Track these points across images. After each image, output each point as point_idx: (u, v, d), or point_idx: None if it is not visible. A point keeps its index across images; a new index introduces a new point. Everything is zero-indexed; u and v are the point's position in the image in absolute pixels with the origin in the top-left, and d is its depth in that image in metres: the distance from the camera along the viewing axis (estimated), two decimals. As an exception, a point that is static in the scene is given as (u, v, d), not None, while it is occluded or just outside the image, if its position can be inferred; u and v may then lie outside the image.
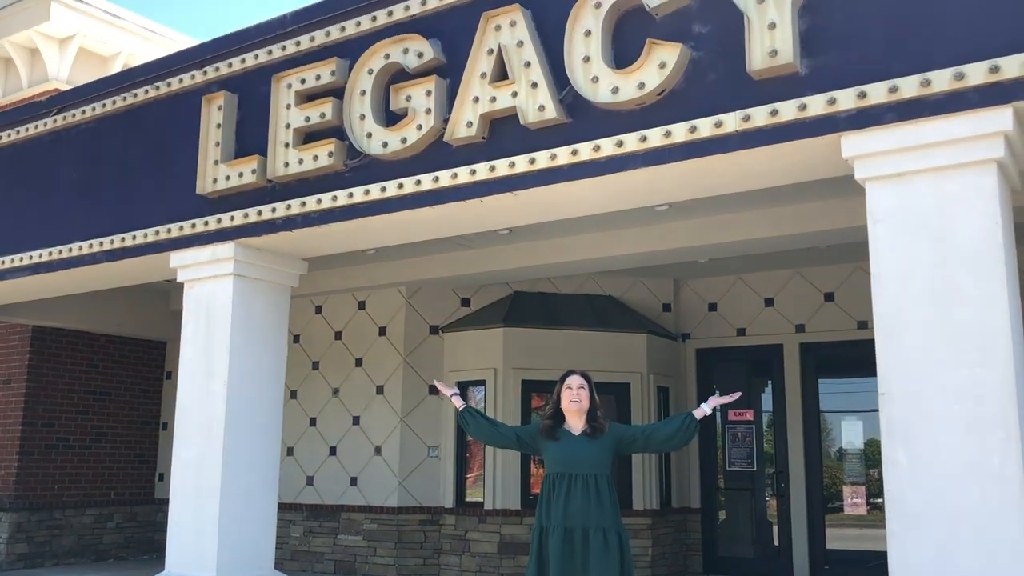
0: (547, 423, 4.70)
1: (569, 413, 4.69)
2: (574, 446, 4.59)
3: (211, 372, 6.70)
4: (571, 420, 4.70)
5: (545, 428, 4.70)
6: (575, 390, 4.68)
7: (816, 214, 7.03)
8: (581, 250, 8.25)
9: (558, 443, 4.63)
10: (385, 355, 9.97)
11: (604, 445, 4.62)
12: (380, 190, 5.87)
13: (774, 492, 9.57)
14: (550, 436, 4.67)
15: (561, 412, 4.71)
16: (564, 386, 4.74)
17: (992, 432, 3.96)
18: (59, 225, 7.70)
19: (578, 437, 4.63)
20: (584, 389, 4.69)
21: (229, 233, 6.64)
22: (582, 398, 4.66)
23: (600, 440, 4.62)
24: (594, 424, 4.66)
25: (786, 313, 9.70)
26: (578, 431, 4.67)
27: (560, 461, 4.56)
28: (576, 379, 4.75)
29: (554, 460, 4.60)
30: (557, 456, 4.59)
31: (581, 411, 4.67)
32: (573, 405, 4.66)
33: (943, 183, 4.25)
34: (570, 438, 4.64)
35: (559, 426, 4.70)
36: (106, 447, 11.16)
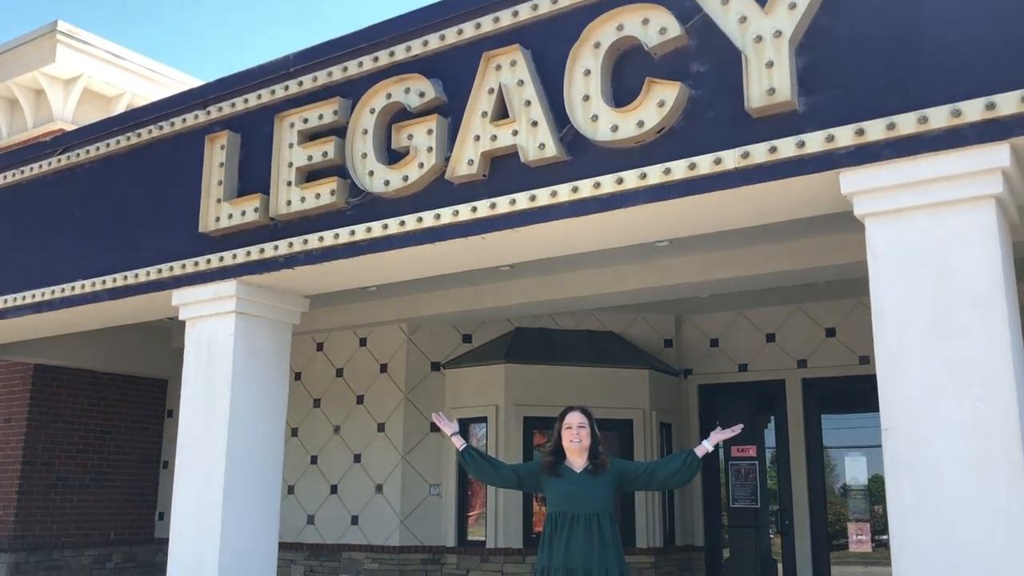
0: (548, 460, 4.67)
1: (570, 451, 4.66)
2: (576, 485, 4.55)
3: (212, 410, 6.68)
4: (572, 458, 4.67)
5: (546, 465, 4.67)
6: (575, 429, 4.65)
7: (816, 249, 7.05)
8: (582, 286, 8.27)
9: (560, 481, 4.59)
10: (386, 392, 9.95)
11: (606, 482, 4.57)
12: (382, 227, 5.90)
13: (778, 529, 9.48)
14: (552, 473, 4.63)
15: (562, 448, 4.68)
16: (564, 424, 4.71)
17: (997, 468, 3.94)
18: (62, 264, 7.73)
19: (580, 475, 4.59)
20: (584, 428, 4.66)
21: (231, 271, 6.66)
22: (582, 437, 4.63)
23: (602, 477, 4.57)
24: (596, 461, 4.62)
25: (788, 348, 9.69)
26: (579, 468, 4.62)
27: (562, 500, 4.52)
28: (576, 416, 4.72)
29: (556, 499, 4.56)
30: (559, 495, 4.55)
31: (582, 450, 4.63)
32: (574, 445, 4.63)
33: (942, 219, 4.27)
34: (572, 476, 4.59)
35: (560, 463, 4.66)
36: (106, 486, 11.08)
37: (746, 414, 10.16)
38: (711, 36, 4.80)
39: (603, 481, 4.56)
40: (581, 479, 4.57)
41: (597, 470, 4.59)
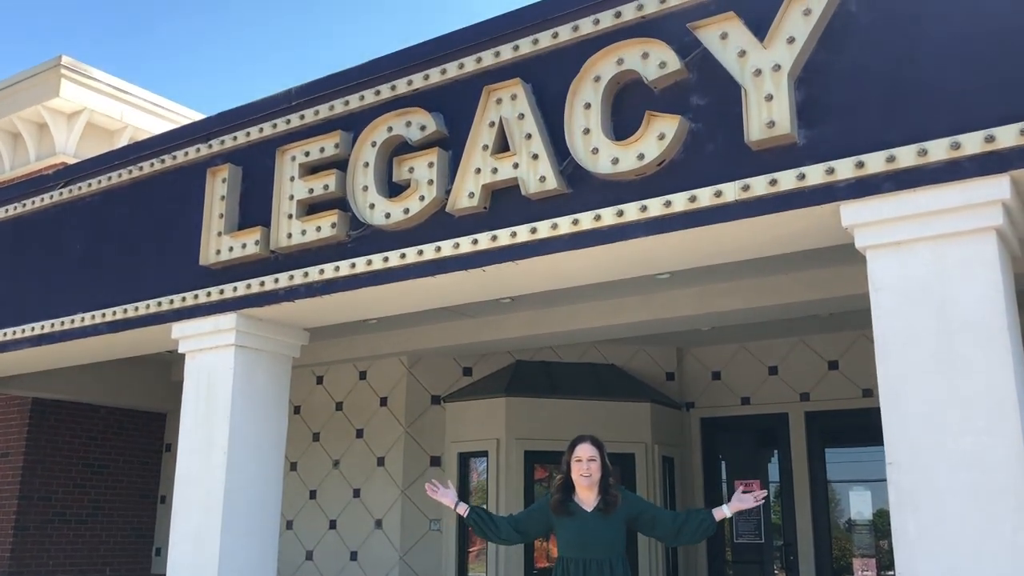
0: (557, 497, 4.53)
1: (579, 486, 4.52)
2: (587, 527, 4.41)
3: (211, 443, 6.64)
4: (582, 493, 4.53)
5: (556, 504, 4.52)
6: (585, 463, 4.49)
7: (818, 282, 7.04)
8: (583, 319, 8.25)
9: (571, 521, 4.45)
10: (386, 426, 9.89)
11: (618, 521, 4.44)
12: (383, 260, 5.90)
13: (783, 565, 9.37)
14: (562, 512, 4.49)
15: (572, 482, 4.55)
16: (573, 457, 4.55)
17: (1002, 500, 3.90)
18: (62, 297, 7.72)
19: (591, 515, 4.45)
20: (595, 461, 4.51)
21: (231, 304, 6.65)
22: (592, 471, 4.48)
23: (614, 516, 4.44)
24: (607, 497, 4.48)
25: (790, 381, 9.64)
26: (590, 505, 4.48)
27: (573, 545, 4.39)
28: (586, 449, 4.56)
29: (567, 543, 4.43)
30: (569, 539, 4.41)
31: (592, 484, 4.49)
32: (584, 480, 4.48)
33: (943, 251, 4.26)
34: (583, 517, 4.46)
35: (570, 499, 4.52)
36: (103, 521, 10.98)
37: (749, 448, 10.12)
38: (711, 70, 4.83)
39: (615, 522, 4.43)
40: (593, 521, 4.43)
41: (609, 508, 4.44)
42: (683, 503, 9.78)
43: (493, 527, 4.71)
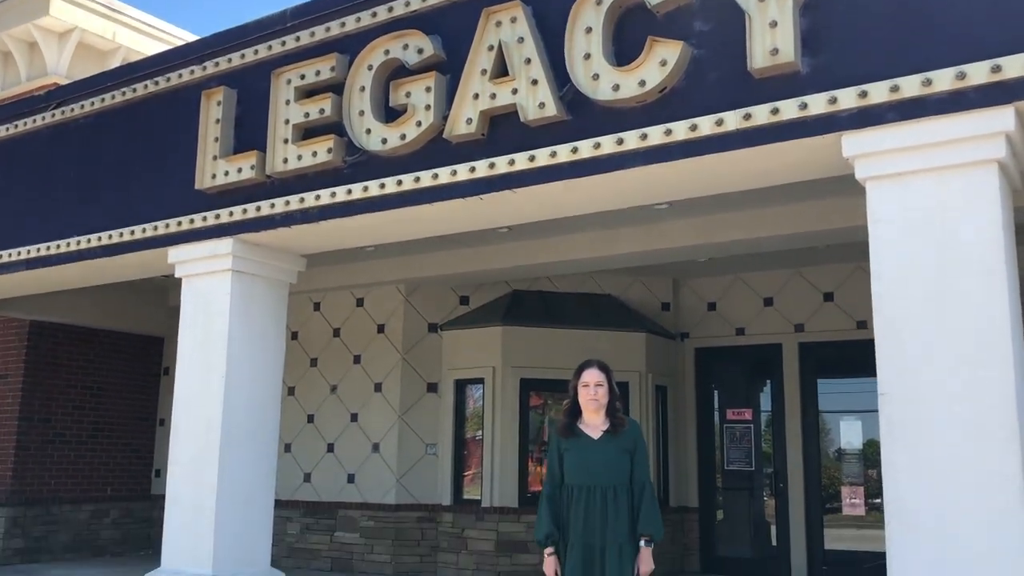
0: (564, 422, 4.52)
1: (587, 410, 4.49)
2: (593, 453, 4.41)
3: (209, 368, 6.69)
4: (589, 417, 4.49)
5: (563, 428, 4.51)
6: (592, 388, 4.44)
7: (816, 213, 7.02)
8: (580, 249, 8.24)
9: (577, 447, 4.43)
10: (383, 353, 9.96)
11: (623, 447, 4.42)
12: (379, 187, 5.85)
13: (772, 492, 9.56)
14: (569, 435, 4.48)
15: (579, 406, 4.52)
16: (580, 382, 4.50)
17: (992, 433, 3.95)
18: (57, 220, 7.68)
19: (597, 441, 4.43)
20: (602, 386, 4.46)
21: (227, 229, 6.62)
22: (600, 396, 4.44)
23: (620, 440, 4.42)
24: (614, 420, 4.46)
25: (785, 313, 9.69)
26: (598, 431, 4.46)
27: (579, 471, 4.38)
28: (593, 374, 4.50)
29: (572, 469, 4.41)
30: (575, 465, 4.40)
31: (599, 408, 4.46)
32: (591, 404, 4.45)
33: (944, 183, 4.23)
34: (588, 443, 4.44)
35: (576, 423, 4.51)
36: (103, 443, 11.13)
37: (742, 378, 10.22)
38: (715, -6, 4.73)
39: (621, 447, 4.41)
40: (599, 447, 4.42)
41: (616, 430, 4.43)
42: (675, 432, 9.92)
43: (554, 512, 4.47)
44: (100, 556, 10.88)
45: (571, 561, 4.23)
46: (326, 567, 9.80)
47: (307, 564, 9.89)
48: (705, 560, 9.82)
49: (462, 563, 9.24)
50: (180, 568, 6.52)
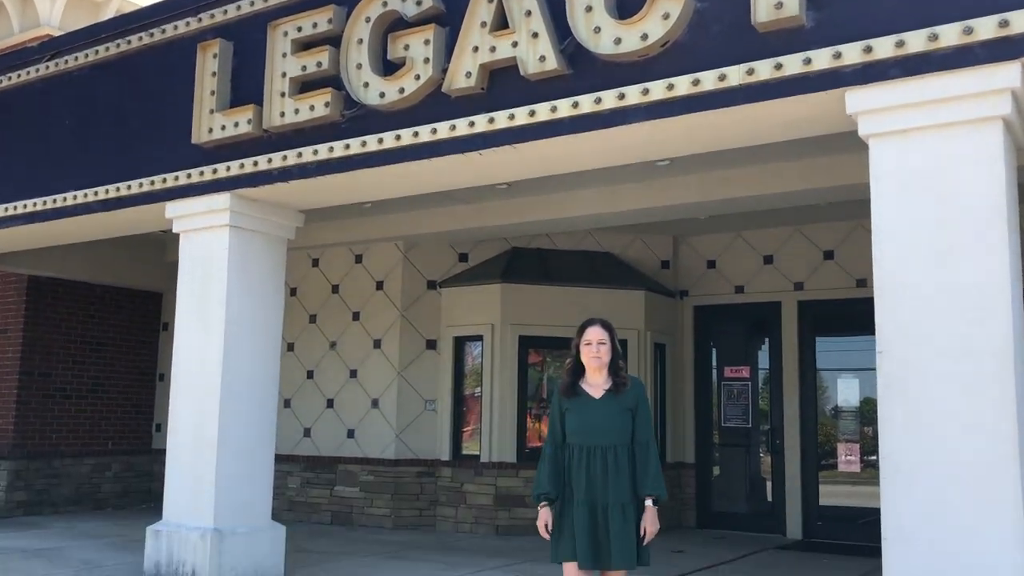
0: (566, 381, 4.43)
1: (590, 369, 4.38)
2: (595, 412, 4.33)
3: (207, 323, 6.69)
4: (592, 376, 4.39)
5: (565, 388, 4.41)
6: (595, 346, 4.33)
7: (818, 171, 6.97)
8: (580, 206, 8.20)
9: (579, 406, 4.35)
10: (382, 309, 9.96)
11: (625, 406, 4.34)
12: (377, 142, 5.81)
13: (769, 449, 9.63)
14: (571, 394, 4.38)
15: (581, 365, 4.42)
16: (583, 340, 4.38)
17: (988, 390, 3.97)
18: (53, 174, 7.63)
19: (600, 400, 4.34)
20: (605, 344, 4.34)
21: (225, 184, 6.59)
22: (602, 353, 4.32)
23: (623, 399, 4.33)
24: (617, 378, 4.36)
25: (785, 271, 9.67)
26: (600, 390, 4.36)
27: (582, 431, 4.30)
28: (596, 332, 4.37)
29: (575, 429, 4.32)
30: (577, 425, 4.32)
31: (601, 366, 4.35)
32: (594, 363, 4.33)
33: (948, 140, 4.20)
34: (591, 402, 4.35)
35: (578, 382, 4.41)
36: (103, 397, 11.18)
37: (741, 336, 10.24)
38: (719, -55, 4.64)
39: (623, 405, 4.31)
40: (602, 406, 4.33)
41: (619, 389, 4.33)
42: (673, 390, 9.97)
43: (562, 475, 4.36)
44: (102, 509, 10.99)
45: (579, 521, 4.19)
46: (326, 520, 9.91)
47: (307, 517, 10.00)
48: (701, 515, 9.92)
49: (461, 517, 9.34)
50: (181, 521, 6.60)
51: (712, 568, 7.37)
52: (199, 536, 6.38)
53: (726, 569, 7.38)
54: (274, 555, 6.75)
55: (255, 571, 6.57)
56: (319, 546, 8.19)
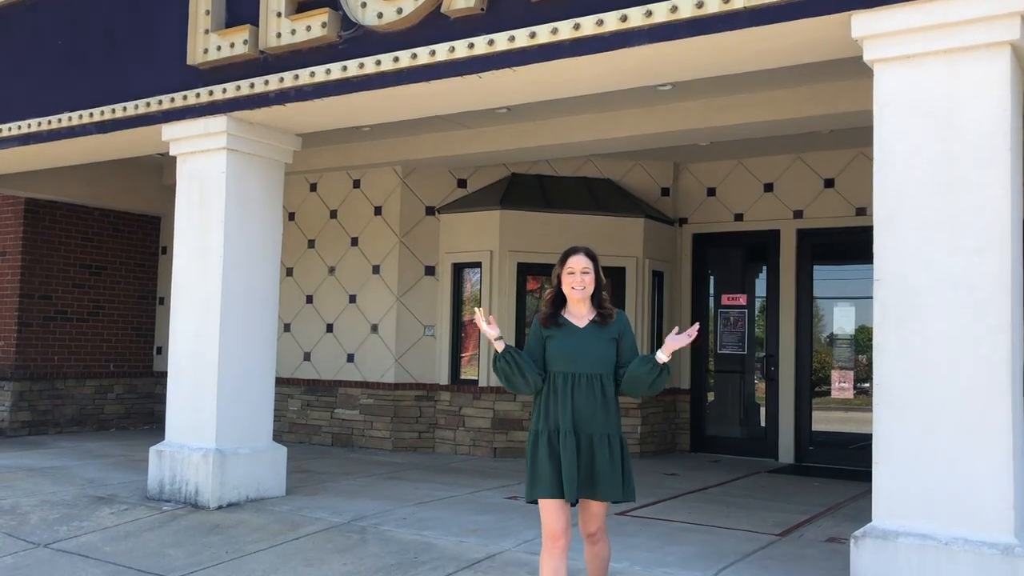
0: (546, 312, 4.10)
1: (571, 300, 4.07)
2: (578, 340, 4.02)
3: (206, 247, 6.69)
4: (574, 307, 4.08)
5: (545, 318, 4.09)
6: (578, 275, 4.02)
7: (822, 97, 6.90)
8: (580, 131, 8.13)
9: (561, 335, 4.03)
10: (381, 235, 9.95)
11: (610, 336, 4.04)
12: (375, 64, 5.72)
13: (763, 375, 9.74)
14: (552, 325, 4.06)
15: (563, 295, 4.10)
16: (565, 269, 4.07)
17: (984, 319, 4.00)
18: (46, 94, 7.53)
19: (583, 329, 4.03)
20: (588, 273, 4.04)
21: (221, 106, 6.51)
22: (586, 283, 4.02)
23: (605, 332, 4.03)
24: (602, 310, 4.07)
25: (785, 199, 9.64)
26: (583, 320, 4.05)
27: (562, 358, 3.99)
28: (579, 260, 4.07)
29: (555, 357, 4.00)
30: (558, 352, 4.00)
31: (585, 297, 4.05)
32: (576, 293, 4.02)
33: (954, 66, 4.14)
34: (573, 331, 4.04)
35: (559, 313, 4.09)
36: (104, 320, 11.26)
37: (739, 263, 10.27)
38: None
39: (607, 336, 4.03)
40: (584, 334, 4.02)
41: (604, 320, 4.04)
42: (670, 317, 10.03)
43: (523, 370, 4.02)
44: (105, 430, 11.16)
45: (565, 452, 3.84)
46: (327, 442, 10.07)
47: (308, 439, 10.17)
48: (695, 440, 10.10)
49: (459, 439, 9.50)
50: (184, 442, 6.71)
51: (704, 490, 7.53)
52: (201, 456, 6.50)
53: (718, 491, 7.54)
54: (275, 475, 6.89)
55: (257, 490, 6.72)
56: (320, 466, 8.35)
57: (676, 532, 5.84)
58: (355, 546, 5.45)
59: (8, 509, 6.43)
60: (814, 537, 5.78)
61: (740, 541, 5.61)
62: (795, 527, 6.07)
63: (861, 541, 4.16)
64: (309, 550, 5.40)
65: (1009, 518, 3.89)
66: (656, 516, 6.34)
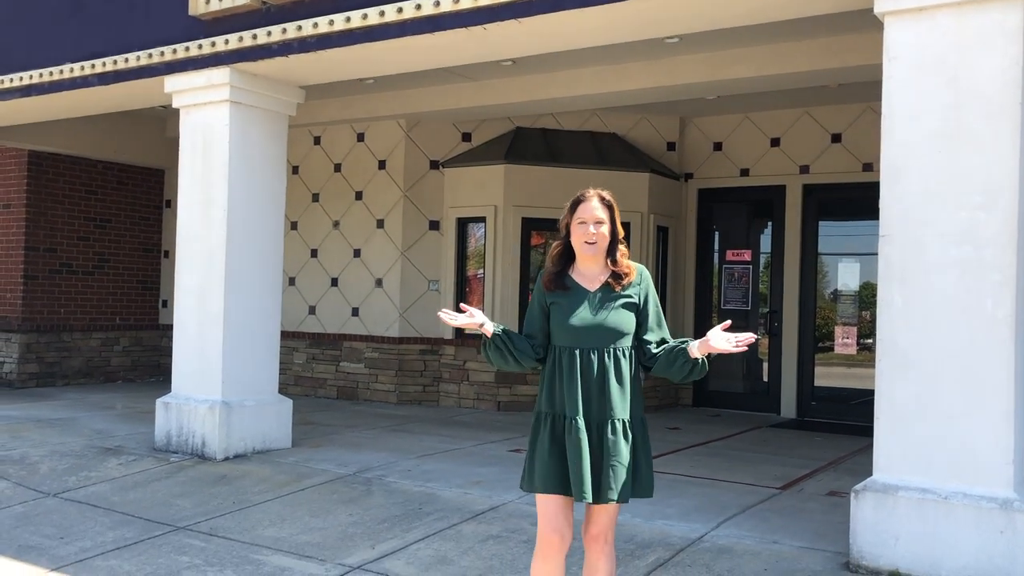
0: (552, 270, 3.39)
1: (582, 257, 3.35)
2: (589, 306, 3.30)
3: (210, 200, 6.69)
4: (584, 265, 3.36)
5: (549, 279, 3.37)
6: (590, 225, 3.30)
7: (830, 50, 6.80)
8: (586, 84, 8.05)
9: (567, 299, 3.32)
10: (385, 189, 9.92)
11: (628, 300, 3.32)
12: (378, 15, 5.65)
13: (767, 331, 9.76)
14: (557, 287, 3.35)
15: (571, 250, 3.37)
16: (576, 219, 3.34)
17: (988, 275, 3.99)
18: (49, 46, 7.47)
19: (596, 293, 3.31)
20: (603, 223, 3.31)
21: (224, 58, 6.45)
22: (600, 237, 3.29)
23: (625, 293, 3.32)
24: (616, 270, 3.33)
25: (791, 154, 9.57)
26: (595, 282, 3.33)
27: (574, 329, 3.28)
28: (592, 209, 3.34)
29: (565, 327, 3.30)
30: (564, 322, 3.30)
31: (598, 253, 3.32)
32: (588, 249, 3.30)
33: (965, 19, 4.08)
34: (582, 295, 3.32)
35: (567, 271, 3.38)
36: (109, 273, 11.29)
37: (744, 219, 10.23)
38: None
39: (623, 302, 3.31)
40: (595, 299, 3.30)
41: (620, 281, 3.31)
42: (674, 272, 10.02)
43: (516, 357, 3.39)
44: (112, 382, 11.26)
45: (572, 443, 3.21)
46: (332, 395, 10.15)
47: (313, 392, 10.25)
48: (698, 395, 10.16)
49: (463, 393, 9.57)
50: (190, 394, 6.77)
51: (707, 444, 7.60)
52: (207, 408, 6.56)
53: (720, 445, 7.60)
54: (281, 427, 6.96)
55: (263, 442, 6.79)
56: (325, 419, 8.43)
57: (677, 485, 5.91)
58: (360, 497, 5.53)
59: (17, 459, 6.51)
60: (815, 491, 5.84)
61: (741, 494, 5.67)
62: (796, 481, 6.13)
63: (861, 495, 4.21)
64: (315, 501, 5.47)
65: (1008, 472, 3.92)
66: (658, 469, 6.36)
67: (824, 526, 4.90)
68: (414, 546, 4.66)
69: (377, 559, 4.49)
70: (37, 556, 4.61)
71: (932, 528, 4.00)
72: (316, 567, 4.41)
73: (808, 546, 4.56)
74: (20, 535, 4.95)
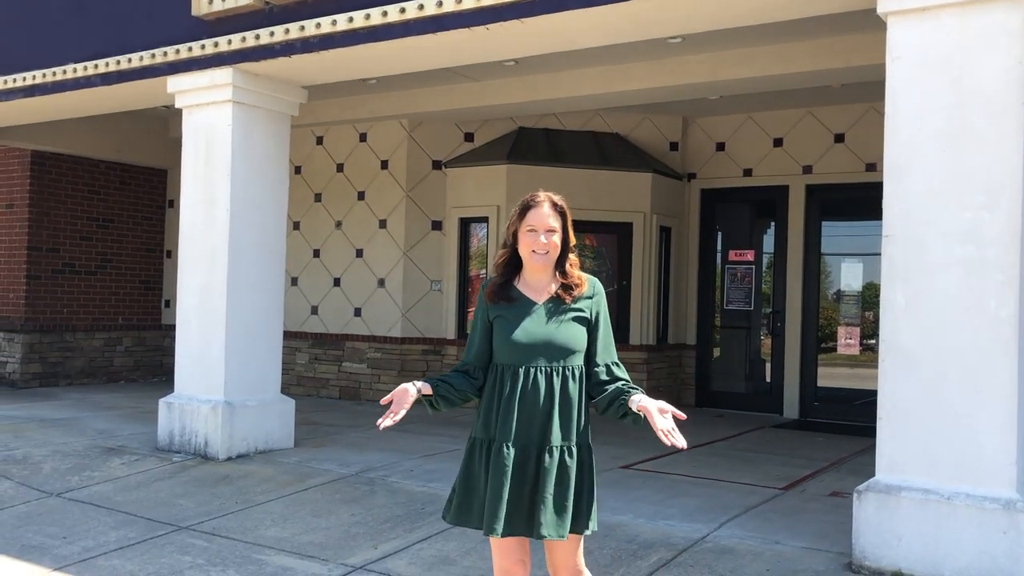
0: (497, 282, 3.09)
1: (530, 267, 3.05)
2: (536, 321, 2.99)
3: (213, 200, 6.69)
4: (532, 276, 3.06)
5: (494, 290, 3.07)
6: (541, 234, 3.01)
7: (833, 51, 6.80)
8: (590, 84, 8.04)
9: (511, 312, 3.02)
10: (387, 189, 9.92)
11: (579, 315, 3.02)
12: (381, 15, 5.66)
13: (769, 331, 9.75)
14: (501, 299, 3.05)
15: (518, 258, 3.07)
16: (525, 226, 3.05)
17: (991, 275, 3.98)
18: (50, 45, 7.48)
19: (544, 306, 3.01)
20: (555, 232, 3.03)
21: (227, 58, 6.46)
22: (550, 246, 3.00)
23: (575, 307, 3.02)
24: (566, 282, 3.03)
25: (794, 154, 9.57)
26: (543, 294, 3.04)
27: (518, 345, 2.98)
28: (543, 216, 3.05)
29: (508, 343, 3.00)
30: (507, 337, 3.00)
31: (548, 264, 3.03)
32: (538, 260, 3.00)
33: (968, 19, 4.08)
34: (528, 307, 3.01)
35: (513, 282, 3.08)
36: (112, 273, 11.30)
37: (747, 219, 10.22)
38: None
39: (573, 316, 3.01)
40: (542, 313, 3.00)
41: (569, 293, 3.01)
42: (677, 273, 10.02)
43: (457, 392, 3.21)
44: (115, 382, 11.27)
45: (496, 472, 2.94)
46: (335, 395, 10.15)
47: (316, 392, 10.26)
48: (700, 395, 10.14)
49: (465, 394, 9.56)
50: (193, 394, 6.77)
51: (709, 444, 7.59)
52: (210, 408, 6.56)
53: (722, 445, 7.60)
54: (283, 427, 6.96)
55: (265, 442, 6.79)
56: (327, 419, 8.43)
57: (680, 485, 5.90)
58: (363, 497, 5.53)
59: (20, 459, 6.52)
60: (817, 491, 5.84)
61: (743, 494, 5.66)
62: (798, 481, 6.13)
63: (864, 495, 4.20)
64: (317, 501, 5.47)
65: (1012, 473, 3.92)
66: (660, 470, 6.40)
67: (826, 526, 4.89)
68: (416, 546, 4.66)
69: (380, 559, 4.49)
70: (40, 556, 4.62)
71: (935, 529, 3.99)
72: (319, 567, 4.41)
73: (810, 546, 4.56)
74: (23, 535, 4.95)
